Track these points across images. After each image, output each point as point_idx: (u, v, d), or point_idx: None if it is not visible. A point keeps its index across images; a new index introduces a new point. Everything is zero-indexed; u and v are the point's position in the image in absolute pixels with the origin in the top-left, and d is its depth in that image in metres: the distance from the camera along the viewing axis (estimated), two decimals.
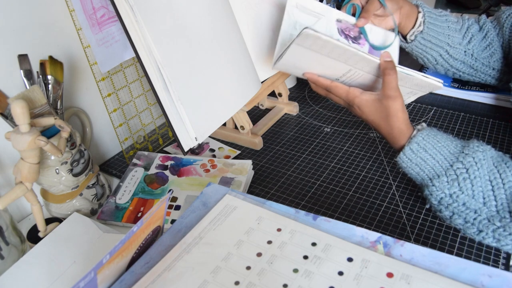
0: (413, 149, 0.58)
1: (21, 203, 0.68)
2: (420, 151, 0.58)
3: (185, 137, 0.65)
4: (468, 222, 0.55)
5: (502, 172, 0.54)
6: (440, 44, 0.82)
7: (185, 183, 0.71)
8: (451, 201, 0.55)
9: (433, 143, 0.58)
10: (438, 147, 0.57)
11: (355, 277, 0.43)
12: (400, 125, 0.60)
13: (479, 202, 0.54)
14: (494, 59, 0.84)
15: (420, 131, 0.59)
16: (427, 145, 0.58)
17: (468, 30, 0.83)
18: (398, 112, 0.60)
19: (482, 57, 0.84)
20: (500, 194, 0.53)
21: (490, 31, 0.84)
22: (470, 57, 0.84)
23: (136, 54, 0.60)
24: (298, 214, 0.52)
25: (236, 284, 0.43)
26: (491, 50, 0.84)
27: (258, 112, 0.96)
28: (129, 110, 0.81)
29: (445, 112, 0.90)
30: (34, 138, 0.53)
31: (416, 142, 0.58)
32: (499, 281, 0.40)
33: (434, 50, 0.82)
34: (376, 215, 0.64)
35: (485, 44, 0.84)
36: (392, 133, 0.61)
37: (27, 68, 0.62)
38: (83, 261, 0.56)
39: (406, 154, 0.59)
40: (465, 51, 0.83)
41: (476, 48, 0.84)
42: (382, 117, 0.61)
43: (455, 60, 0.84)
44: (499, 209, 0.53)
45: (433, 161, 0.57)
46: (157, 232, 0.51)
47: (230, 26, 0.74)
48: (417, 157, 0.58)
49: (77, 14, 0.64)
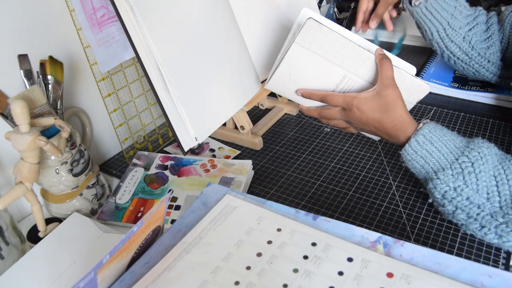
0: (419, 141, 0.58)
1: (21, 203, 0.68)
2: (426, 143, 0.57)
3: (185, 137, 0.65)
4: (471, 217, 0.55)
5: (507, 168, 0.54)
6: (440, 20, 0.83)
7: (185, 183, 0.71)
8: (455, 194, 0.55)
9: (439, 136, 0.57)
10: (444, 140, 0.57)
11: (355, 277, 0.43)
12: (402, 114, 0.60)
13: (482, 197, 0.54)
14: (491, 52, 0.85)
15: (426, 124, 0.59)
16: (433, 138, 0.57)
17: (475, 20, 0.85)
18: (398, 99, 0.60)
19: (479, 47, 0.85)
20: (504, 190, 0.53)
21: (493, 25, 0.85)
22: (468, 43, 0.85)
23: (136, 54, 0.60)
24: (298, 214, 0.52)
25: (236, 284, 0.43)
26: (489, 43, 0.85)
27: (258, 112, 0.96)
28: (129, 110, 0.81)
29: (445, 112, 0.90)
30: (34, 138, 0.53)
31: (422, 134, 0.58)
32: (499, 281, 0.40)
33: (433, 24, 0.84)
34: (376, 215, 0.64)
35: (486, 36, 0.85)
36: (395, 125, 0.60)
37: (27, 68, 0.62)
38: (83, 261, 0.56)
39: (412, 146, 0.58)
40: (464, 36, 0.85)
41: (476, 36, 0.85)
42: (382, 111, 0.61)
43: (451, 42, 0.86)
44: (503, 205, 0.53)
45: (439, 154, 0.57)
46: (157, 232, 0.51)
47: (230, 26, 0.74)
48: (422, 149, 0.58)
49: (77, 14, 0.64)
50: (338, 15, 1.23)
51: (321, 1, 1.20)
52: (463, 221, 0.56)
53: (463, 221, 0.56)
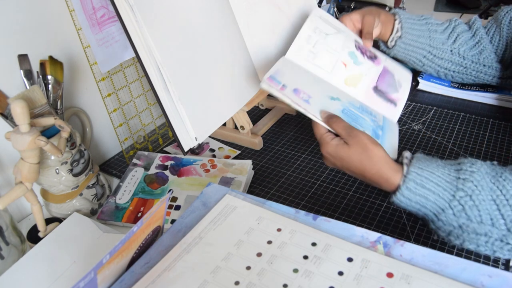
0: (410, 187, 0.53)
1: (21, 203, 0.68)
2: (418, 188, 0.53)
3: (185, 137, 0.65)
4: (480, 245, 0.53)
5: (502, 188, 0.52)
6: (421, 46, 0.84)
7: (185, 183, 0.71)
8: (461, 231, 0.53)
9: (428, 176, 0.53)
10: (434, 179, 0.53)
11: (355, 277, 0.43)
12: (381, 156, 0.55)
13: (487, 224, 0.52)
14: (484, 56, 0.85)
15: (411, 165, 0.54)
16: (424, 180, 0.53)
17: (454, 30, 0.85)
18: (369, 144, 0.55)
19: (470, 55, 0.85)
20: (507, 212, 0.51)
21: (479, 29, 0.85)
22: (457, 55, 0.85)
23: (136, 54, 0.60)
24: (298, 214, 0.52)
25: (236, 284, 0.43)
26: (479, 48, 0.85)
27: (258, 112, 0.96)
28: (129, 110, 0.81)
29: (445, 112, 0.90)
30: (34, 138, 0.53)
31: (412, 180, 0.53)
32: (499, 281, 0.40)
33: (416, 53, 0.84)
34: (376, 215, 0.64)
35: (473, 42, 0.85)
36: (377, 172, 0.55)
37: (27, 68, 0.62)
38: (83, 261, 0.56)
39: (404, 194, 0.53)
40: (451, 50, 0.85)
41: (463, 46, 0.85)
42: (360, 159, 0.56)
43: (441, 60, 0.86)
44: (509, 226, 0.51)
45: (434, 196, 0.53)
46: (157, 232, 0.51)
47: (230, 26, 0.74)
48: (416, 195, 0.53)
49: (77, 14, 0.64)
50: (338, 15, 1.24)
51: (321, 1, 1.20)
52: (473, 249, 0.53)
53: (473, 249, 0.53)
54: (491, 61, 0.85)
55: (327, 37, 0.72)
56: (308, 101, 0.61)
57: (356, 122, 0.61)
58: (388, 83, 0.73)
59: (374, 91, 0.71)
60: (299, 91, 0.61)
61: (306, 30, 0.71)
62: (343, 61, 0.70)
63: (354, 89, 0.69)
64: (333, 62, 0.70)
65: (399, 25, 0.81)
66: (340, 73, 0.70)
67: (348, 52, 0.72)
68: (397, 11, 0.83)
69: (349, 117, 0.61)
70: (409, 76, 0.78)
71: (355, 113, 0.63)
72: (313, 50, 0.71)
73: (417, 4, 1.62)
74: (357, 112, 0.64)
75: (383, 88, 0.72)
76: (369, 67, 0.72)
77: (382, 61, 0.75)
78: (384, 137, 0.62)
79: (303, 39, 0.71)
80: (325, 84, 0.67)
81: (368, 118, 0.64)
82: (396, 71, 0.76)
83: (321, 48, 0.71)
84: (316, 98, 0.62)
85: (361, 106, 0.67)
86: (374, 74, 0.72)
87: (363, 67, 0.71)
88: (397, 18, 0.82)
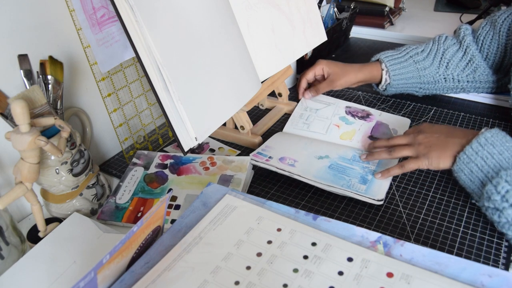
0: (480, 142, 0.58)
1: (21, 203, 0.68)
2: (487, 145, 0.58)
3: (185, 137, 0.65)
4: None
5: None
6: (413, 84, 0.89)
7: (185, 182, 0.71)
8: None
9: (501, 142, 0.58)
10: (506, 146, 0.57)
11: (355, 277, 0.43)
12: (460, 130, 0.64)
13: None
14: (479, 73, 0.86)
15: (488, 129, 0.60)
16: (495, 142, 0.58)
17: (444, 56, 0.86)
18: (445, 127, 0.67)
19: (465, 76, 0.87)
20: None
21: (469, 46, 0.85)
22: (452, 81, 0.87)
23: (136, 54, 0.60)
24: (298, 214, 0.52)
25: (236, 284, 0.43)
26: (472, 67, 0.86)
27: (258, 112, 0.96)
28: (129, 110, 0.81)
29: (445, 112, 0.90)
30: (34, 138, 0.53)
31: (484, 137, 0.58)
32: (499, 281, 0.40)
33: (410, 88, 0.91)
34: (376, 215, 0.64)
35: (465, 62, 0.86)
36: (463, 130, 0.64)
37: (27, 68, 0.62)
38: (83, 261, 0.56)
39: (473, 147, 0.58)
40: (445, 77, 0.87)
41: (456, 70, 0.86)
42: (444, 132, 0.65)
43: (436, 87, 0.89)
44: None
45: (500, 157, 0.57)
46: (157, 232, 0.51)
47: (230, 26, 0.74)
48: (484, 150, 0.58)
49: (77, 14, 0.64)
50: (338, 15, 1.23)
51: (321, 1, 1.20)
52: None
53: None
54: (486, 76, 0.86)
55: (318, 111, 0.87)
56: (293, 165, 0.70)
57: (343, 173, 0.69)
58: (382, 132, 0.81)
59: (371, 139, 0.79)
60: (285, 159, 0.72)
61: (298, 110, 0.88)
62: (335, 124, 0.83)
63: (350, 141, 0.79)
64: (326, 126, 0.82)
65: (387, 75, 0.88)
66: (334, 133, 0.81)
67: (339, 117, 0.84)
68: (381, 58, 0.88)
69: (336, 170, 0.69)
70: (407, 123, 0.85)
71: (343, 165, 0.71)
72: (307, 122, 0.84)
73: (417, 4, 1.61)
74: (346, 164, 0.71)
75: (378, 136, 0.80)
76: (361, 124, 0.83)
77: (375, 117, 0.85)
78: (373, 181, 0.68)
79: (297, 116, 0.86)
80: (317, 146, 0.76)
81: (357, 167, 0.70)
82: (391, 121, 0.85)
83: (314, 119, 0.85)
84: (302, 160, 0.72)
85: (354, 156, 0.73)
86: (368, 128, 0.82)
87: (355, 125, 0.82)
88: (383, 68, 0.87)
